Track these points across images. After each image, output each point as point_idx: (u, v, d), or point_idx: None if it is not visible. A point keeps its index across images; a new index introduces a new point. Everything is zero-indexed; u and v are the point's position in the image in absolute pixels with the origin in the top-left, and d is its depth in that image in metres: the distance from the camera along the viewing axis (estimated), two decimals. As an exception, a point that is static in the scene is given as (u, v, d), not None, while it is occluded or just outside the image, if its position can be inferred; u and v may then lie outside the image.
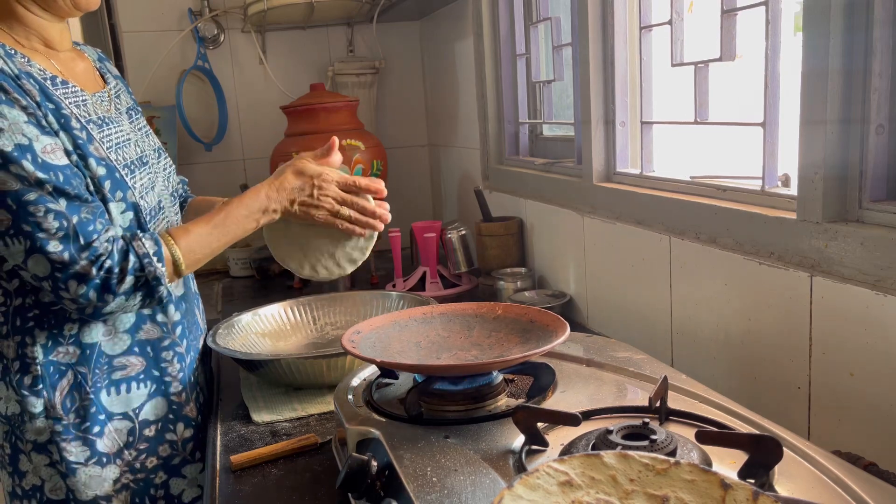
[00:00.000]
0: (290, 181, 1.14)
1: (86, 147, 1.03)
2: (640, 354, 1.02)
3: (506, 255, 1.79)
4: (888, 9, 0.85)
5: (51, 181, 0.96)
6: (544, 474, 0.59)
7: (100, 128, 1.08)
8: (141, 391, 1.13)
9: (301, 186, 1.14)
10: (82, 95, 1.09)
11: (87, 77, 1.16)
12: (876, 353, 0.86)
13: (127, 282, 1.00)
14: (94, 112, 1.10)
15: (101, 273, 0.98)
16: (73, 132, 1.02)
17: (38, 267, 0.97)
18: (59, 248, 0.96)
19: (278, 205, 1.13)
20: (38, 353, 1.06)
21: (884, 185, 0.90)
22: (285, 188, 1.13)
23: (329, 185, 1.15)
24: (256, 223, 1.13)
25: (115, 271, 0.99)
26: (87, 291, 0.98)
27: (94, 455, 1.10)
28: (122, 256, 1.00)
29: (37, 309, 1.06)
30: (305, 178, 1.14)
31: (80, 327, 1.08)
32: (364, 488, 0.76)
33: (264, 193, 1.12)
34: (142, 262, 1.01)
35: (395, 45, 2.57)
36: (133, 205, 1.08)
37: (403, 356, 0.97)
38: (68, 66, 1.12)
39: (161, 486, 1.16)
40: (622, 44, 1.41)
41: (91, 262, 0.97)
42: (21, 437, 1.10)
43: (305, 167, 1.15)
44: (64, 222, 0.96)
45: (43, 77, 1.03)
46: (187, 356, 1.19)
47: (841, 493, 0.65)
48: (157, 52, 2.34)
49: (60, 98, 1.04)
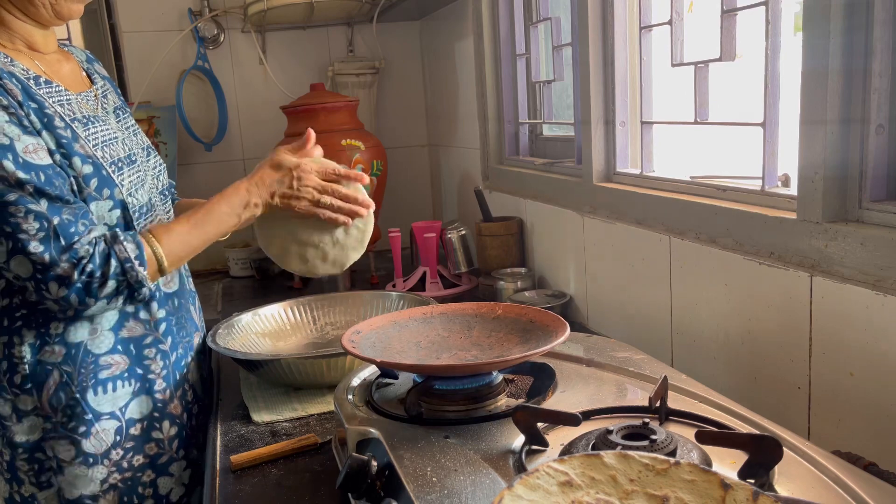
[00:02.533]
0: (269, 174, 1.15)
1: (70, 146, 1.02)
2: (640, 354, 1.02)
3: (506, 255, 1.79)
4: (888, 9, 0.85)
5: (32, 181, 0.96)
6: (544, 474, 0.59)
7: (85, 126, 1.08)
8: (126, 389, 1.12)
9: (280, 179, 1.14)
10: (66, 95, 1.09)
11: (72, 78, 1.16)
12: (876, 353, 0.86)
13: (109, 286, 1.00)
14: (79, 111, 1.09)
15: (82, 277, 0.98)
16: (56, 131, 1.02)
17: (20, 268, 0.97)
18: (39, 249, 0.96)
19: (259, 199, 1.14)
20: (26, 353, 1.06)
21: (884, 185, 0.90)
22: (265, 182, 1.14)
23: (308, 175, 1.16)
24: (238, 218, 1.13)
25: (97, 275, 0.99)
26: (68, 294, 0.98)
27: (80, 455, 1.09)
28: (104, 260, 1.00)
29: (24, 308, 1.06)
30: (284, 171, 1.15)
31: (65, 326, 1.07)
32: (364, 488, 0.76)
33: (244, 188, 1.13)
34: (123, 266, 1.01)
35: (395, 45, 2.57)
36: (121, 202, 1.08)
37: (403, 356, 0.97)
38: (53, 68, 1.12)
39: (149, 484, 1.16)
40: (622, 44, 1.41)
41: (72, 265, 0.97)
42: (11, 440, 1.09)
43: (283, 159, 1.16)
44: (44, 223, 0.96)
45: (26, 76, 1.03)
46: (172, 354, 1.18)
47: (841, 493, 0.65)
48: (157, 52, 2.34)
49: (44, 97, 1.03)
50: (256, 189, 1.14)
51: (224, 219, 1.12)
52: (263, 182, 1.14)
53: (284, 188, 1.14)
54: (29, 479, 1.10)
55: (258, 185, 1.14)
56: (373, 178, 2.08)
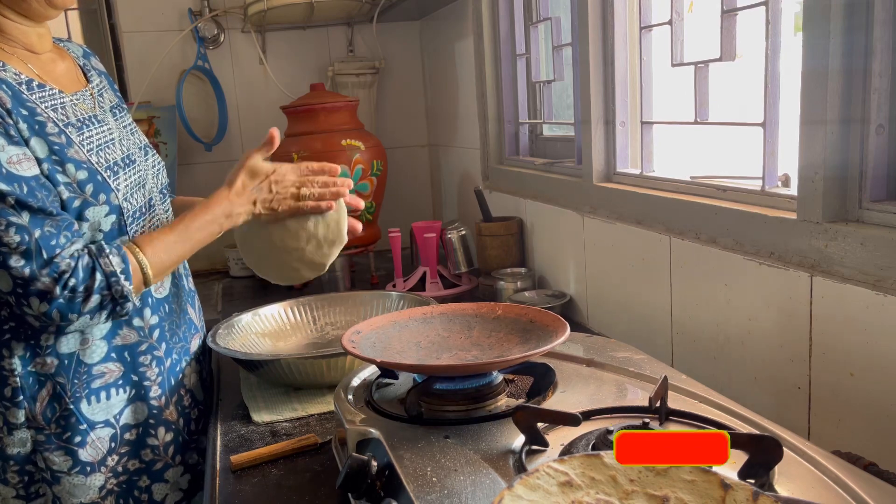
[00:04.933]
0: (247, 183, 1.14)
1: (63, 152, 1.01)
2: (640, 354, 1.02)
3: (506, 255, 1.79)
4: (888, 9, 0.85)
5: (14, 193, 0.94)
6: (544, 474, 0.59)
7: (79, 130, 1.07)
8: (120, 396, 1.12)
9: (258, 186, 1.14)
10: (60, 98, 1.07)
11: (67, 77, 1.14)
12: (876, 353, 0.86)
13: (93, 301, 0.99)
14: (74, 114, 1.08)
15: (64, 292, 0.96)
16: (48, 137, 1.00)
17: (1, 282, 0.95)
18: (20, 264, 0.94)
19: (241, 208, 1.13)
20: (17, 365, 1.05)
21: (884, 185, 0.90)
22: (244, 191, 1.14)
23: (284, 178, 1.16)
24: (220, 227, 1.13)
25: (80, 290, 0.97)
26: (50, 310, 0.96)
27: (77, 464, 1.09)
28: (88, 274, 0.98)
29: (12, 321, 1.05)
30: (260, 177, 1.15)
31: (56, 338, 1.06)
32: (364, 488, 0.76)
33: (225, 197, 1.13)
34: (108, 280, 0.99)
35: (395, 45, 2.57)
36: (117, 207, 1.07)
37: (403, 356, 0.97)
38: (47, 68, 1.11)
39: (145, 490, 1.15)
40: (622, 44, 1.41)
41: (54, 280, 0.95)
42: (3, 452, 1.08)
43: (257, 167, 1.15)
44: (26, 236, 0.94)
45: (18, 82, 1.01)
46: (167, 359, 1.17)
47: (841, 493, 0.65)
48: (157, 52, 2.34)
49: (36, 103, 1.02)
50: (238, 199, 1.13)
51: (207, 227, 1.11)
52: (244, 191, 1.14)
53: (264, 194, 1.14)
54: (17, 490, 1.10)
55: (238, 195, 1.13)
56: (373, 178, 2.08)
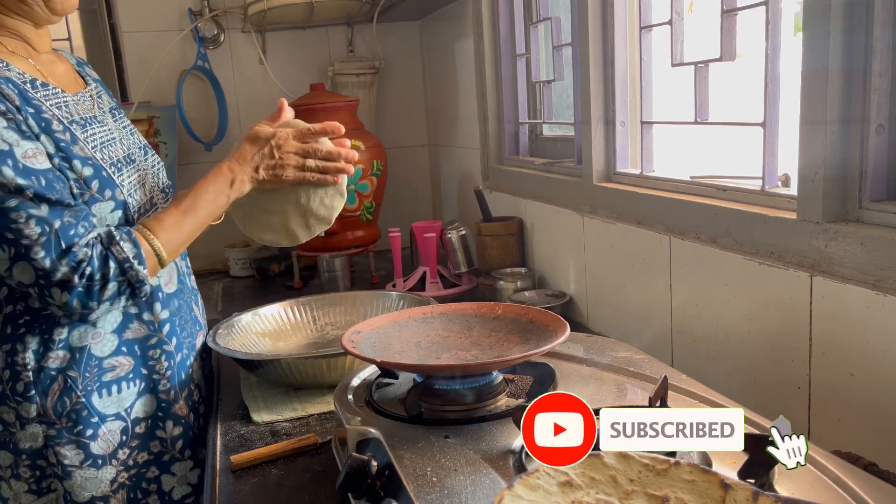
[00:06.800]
0: (248, 149, 1.15)
1: (69, 148, 1.02)
2: (640, 354, 1.02)
3: (506, 255, 1.79)
4: (888, 9, 0.85)
5: (32, 187, 0.95)
6: (544, 474, 0.59)
7: (83, 128, 1.08)
8: (131, 390, 1.13)
9: (260, 151, 1.15)
10: (63, 97, 1.08)
11: (67, 78, 1.16)
12: (876, 353, 0.86)
13: (110, 288, 1.00)
14: (77, 112, 1.09)
15: (82, 281, 0.97)
16: (55, 135, 1.01)
17: (23, 274, 0.97)
18: (41, 255, 0.95)
19: (244, 175, 1.14)
20: (30, 360, 1.06)
21: (884, 185, 0.90)
22: (245, 157, 1.14)
23: (286, 142, 1.16)
24: (227, 198, 1.13)
25: (97, 278, 0.98)
26: (70, 300, 0.98)
27: (89, 457, 1.09)
28: (102, 262, 0.99)
29: (27, 315, 1.06)
30: (262, 142, 1.15)
31: (69, 331, 1.07)
32: (364, 488, 0.76)
33: (227, 167, 1.13)
34: (122, 266, 1.00)
35: (395, 45, 2.57)
36: (122, 203, 1.08)
37: (403, 356, 0.97)
38: (49, 68, 1.12)
39: (154, 480, 1.16)
40: (622, 44, 1.41)
41: (72, 269, 0.97)
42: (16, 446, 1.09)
43: (259, 132, 1.16)
44: (46, 227, 0.95)
45: (22, 81, 1.03)
46: (177, 354, 1.18)
47: (841, 493, 0.65)
48: (157, 52, 2.34)
49: (41, 101, 1.03)
50: (239, 166, 1.13)
51: (213, 199, 1.12)
52: (245, 157, 1.14)
53: (266, 159, 1.14)
54: (29, 485, 1.10)
55: (240, 162, 1.14)
56: (373, 177, 2.08)
